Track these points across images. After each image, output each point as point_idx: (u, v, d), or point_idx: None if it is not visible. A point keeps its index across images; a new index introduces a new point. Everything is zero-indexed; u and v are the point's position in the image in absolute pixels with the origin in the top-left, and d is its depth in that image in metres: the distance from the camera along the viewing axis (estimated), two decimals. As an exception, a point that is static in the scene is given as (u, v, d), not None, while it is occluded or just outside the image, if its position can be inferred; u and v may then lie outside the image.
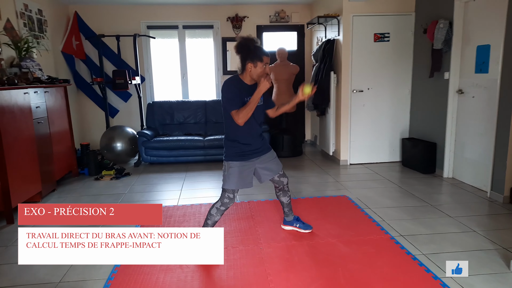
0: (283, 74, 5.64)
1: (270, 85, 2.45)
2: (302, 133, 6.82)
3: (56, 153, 4.31)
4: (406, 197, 3.83)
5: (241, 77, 2.53)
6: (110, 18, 6.01)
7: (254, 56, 2.45)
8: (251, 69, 2.47)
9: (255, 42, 2.49)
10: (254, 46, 2.47)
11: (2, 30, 4.00)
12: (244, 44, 2.47)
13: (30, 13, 4.65)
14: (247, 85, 2.52)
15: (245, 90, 2.49)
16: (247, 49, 2.46)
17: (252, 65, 2.46)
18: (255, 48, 2.47)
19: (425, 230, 3.02)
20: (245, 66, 2.48)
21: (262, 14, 6.31)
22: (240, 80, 2.53)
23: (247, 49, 2.46)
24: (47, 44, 5.08)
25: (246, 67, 2.48)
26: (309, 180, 4.52)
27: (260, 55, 2.46)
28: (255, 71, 2.47)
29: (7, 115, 3.30)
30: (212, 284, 2.29)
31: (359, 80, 5.08)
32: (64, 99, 4.66)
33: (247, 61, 2.47)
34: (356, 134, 5.20)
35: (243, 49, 2.47)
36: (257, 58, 2.45)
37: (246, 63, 2.47)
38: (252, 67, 2.47)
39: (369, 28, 4.97)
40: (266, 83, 2.41)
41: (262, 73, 2.48)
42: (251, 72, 2.48)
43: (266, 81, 2.41)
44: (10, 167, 3.30)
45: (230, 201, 2.61)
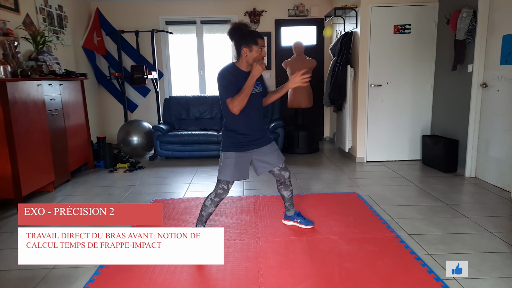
0: (300, 69, 5.42)
1: (264, 70, 2.36)
2: (321, 130, 6.66)
3: (71, 145, 4.41)
4: (422, 196, 3.62)
5: (237, 65, 2.46)
6: (130, 14, 6.11)
7: (249, 40, 2.37)
8: (246, 53, 2.40)
9: (248, 26, 2.42)
10: (247, 29, 2.41)
11: (21, 25, 4.13)
12: (236, 28, 2.40)
13: (50, 9, 4.79)
14: (244, 72, 2.44)
15: (241, 77, 2.41)
16: (240, 33, 2.39)
17: (247, 50, 2.39)
18: (248, 31, 2.40)
19: (436, 230, 2.83)
20: (240, 51, 2.41)
21: (280, 8, 6.20)
22: (236, 68, 2.45)
23: (240, 33, 2.39)
24: (67, 39, 5.22)
25: (241, 52, 2.41)
26: (321, 176, 4.38)
27: (255, 38, 2.38)
28: (251, 56, 2.39)
29: (19, 106, 3.40)
30: (201, 276, 2.24)
31: (378, 74, 4.87)
32: (81, 92, 4.77)
33: (241, 46, 2.40)
34: (373, 130, 4.99)
35: (236, 33, 2.41)
36: (252, 41, 2.38)
37: (241, 48, 2.40)
38: (248, 51, 2.39)
39: (388, 19, 4.75)
40: (259, 67, 2.32)
41: (259, 57, 2.40)
42: (247, 57, 2.41)
43: (258, 65, 2.33)
44: (21, 156, 3.39)
45: (224, 192, 2.55)
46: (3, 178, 3.34)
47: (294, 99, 5.62)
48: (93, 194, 3.90)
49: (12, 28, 3.98)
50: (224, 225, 2.96)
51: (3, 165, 3.32)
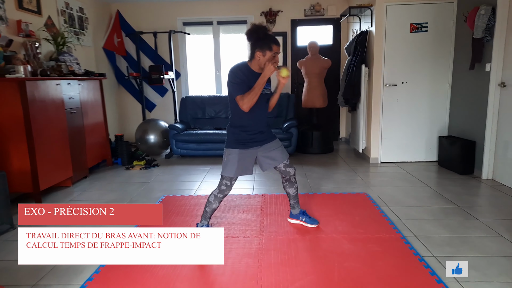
0: (314, 68, 5.50)
1: (275, 70, 2.37)
2: (336, 130, 6.60)
3: (89, 142, 4.56)
4: (434, 197, 3.55)
5: (249, 65, 2.48)
6: (148, 15, 6.25)
7: (264, 45, 2.39)
8: (259, 57, 2.42)
9: (266, 30, 2.42)
10: (264, 34, 2.41)
11: (42, 27, 4.31)
12: (254, 31, 2.41)
13: (71, 11, 4.97)
14: (255, 72, 2.46)
15: (253, 77, 2.42)
16: (257, 37, 2.41)
17: (261, 54, 2.41)
18: (264, 36, 2.40)
19: (444, 232, 2.77)
20: (254, 54, 2.43)
21: (296, 8, 6.20)
22: (248, 67, 2.48)
23: (257, 36, 2.41)
24: (87, 40, 5.40)
25: (255, 55, 2.44)
26: (332, 176, 4.35)
27: (270, 44, 2.39)
28: (263, 60, 2.41)
29: (37, 104, 3.55)
30: (201, 271, 2.28)
31: (393, 73, 4.80)
32: (100, 92, 4.92)
33: (256, 49, 2.42)
34: (388, 131, 4.92)
35: (253, 36, 2.42)
36: (266, 46, 2.39)
37: (255, 51, 2.42)
38: (261, 55, 2.41)
39: (404, 18, 4.67)
40: (271, 66, 2.34)
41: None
42: (259, 60, 2.43)
43: (271, 64, 2.34)
44: (39, 152, 3.54)
45: (227, 188, 2.59)
46: (22, 173, 3.50)
47: (308, 99, 5.60)
48: (108, 190, 4.02)
49: (34, 30, 4.16)
50: (230, 222, 3.00)
51: (22, 160, 3.48)
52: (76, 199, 3.74)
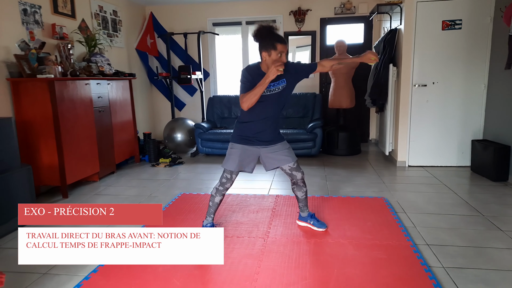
0: (341, 68, 5.37)
1: (280, 73, 2.35)
2: (366, 131, 6.41)
3: (117, 139, 4.76)
4: (457, 205, 3.35)
5: (261, 66, 2.49)
6: (180, 17, 6.41)
7: (268, 45, 2.38)
8: (265, 58, 2.41)
9: (270, 29, 2.40)
10: (269, 34, 2.39)
11: (76, 29, 4.56)
12: (257, 32, 2.41)
13: (104, 14, 5.22)
14: (264, 73, 2.44)
15: (260, 78, 2.40)
16: (261, 37, 2.41)
17: (267, 54, 2.40)
18: (268, 36, 2.38)
19: (460, 242, 2.61)
20: (261, 54, 2.44)
21: (326, 6, 6.09)
22: (259, 68, 2.48)
23: (261, 37, 2.40)
24: (120, 41, 5.64)
25: (261, 56, 2.44)
26: (353, 179, 4.24)
27: (274, 43, 2.37)
28: (270, 60, 2.40)
29: (66, 103, 3.76)
30: (198, 269, 2.30)
31: (423, 73, 4.58)
32: (129, 91, 5.12)
33: (262, 49, 2.42)
34: (417, 133, 4.70)
35: (257, 37, 2.42)
36: (270, 46, 2.37)
37: (261, 52, 2.42)
38: (267, 55, 2.40)
39: (436, 14, 4.44)
40: (274, 69, 2.32)
41: (277, 62, 2.39)
42: (266, 61, 2.42)
43: (274, 67, 2.32)
44: (67, 148, 3.75)
45: (227, 181, 2.62)
46: (50, 167, 3.73)
47: (335, 99, 5.49)
48: (130, 186, 4.18)
49: (68, 33, 4.41)
50: (238, 222, 3.02)
51: (51, 155, 3.71)
52: (100, 193, 3.93)
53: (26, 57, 3.61)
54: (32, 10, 3.91)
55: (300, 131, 5.30)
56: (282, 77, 2.48)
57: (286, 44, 2.42)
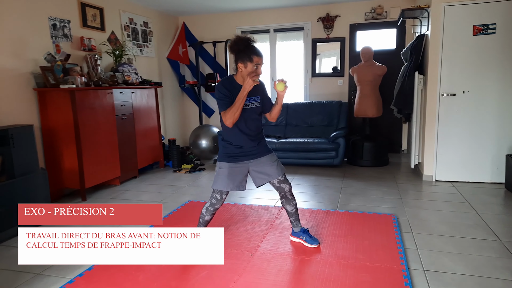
0: (367, 76, 5.17)
1: (256, 83, 2.34)
2: (398, 141, 6.08)
3: (140, 145, 4.97)
4: (475, 227, 3.06)
5: (235, 78, 2.49)
6: (210, 26, 6.56)
7: (244, 56, 2.37)
8: (241, 69, 2.41)
9: (247, 42, 2.40)
10: (245, 45, 2.39)
11: (104, 41, 4.84)
12: (234, 43, 2.41)
13: (134, 26, 5.48)
14: (240, 85, 2.45)
15: (236, 91, 2.42)
16: (237, 49, 2.40)
17: (243, 66, 2.40)
18: (245, 48, 2.38)
19: (463, 270, 2.38)
20: (237, 66, 2.44)
21: (356, 12, 5.89)
22: (233, 81, 2.48)
23: (237, 48, 2.40)
24: (151, 51, 5.89)
25: (237, 67, 2.43)
26: (368, 193, 4.04)
27: (250, 55, 2.37)
28: (245, 72, 2.39)
29: (87, 110, 3.99)
30: (174, 279, 2.32)
31: (451, 82, 4.26)
32: (154, 99, 5.32)
33: (238, 61, 2.42)
34: (444, 145, 4.38)
35: (234, 49, 2.42)
36: (247, 58, 2.37)
37: (237, 63, 2.42)
38: (243, 67, 2.40)
39: (466, 19, 4.12)
40: (250, 81, 2.31)
41: (253, 74, 2.38)
42: (241, 72, 2.42)
43: (249, 78, 2.31)
44: (86, 153, 3.98)
45: (217, 202, 2.60)
46: (71, 171, 3.98)
47: (360, 108, 5.28)
48: (146, 191, 4.33)
49: (96, 45, 4.69)
50: (233, 233, 3.00)
51: (72, 160, 3.95)
52: (116, 198, 4.11)
53: (51, 68, 3.90)
54: (61, 25, 4.21)
55: (321, 140, 5.16)
56: (257, 93, 2.48)
57: (262, 57, 2.41)
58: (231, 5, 5.86)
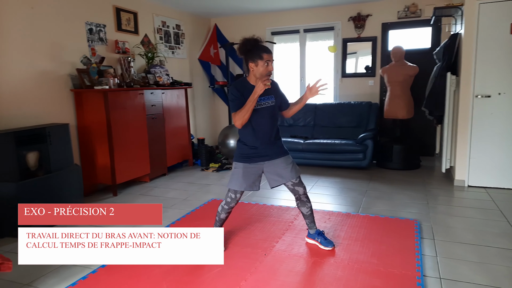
0: (398, 76, 5.04)
1: (267, 87, 2.37)
2: (432, 144, 5.86)
3: (170, 144, 5.14)
4: (503, 235, 2.92)
5: (248, 79, 2.54)
6: (241, 27, 6.64)
7: (254, 55, 2.43)
8: (253, 68, 2.46)
9: (254, 41, 2.45)
10: (253, 45, 2.44)
11: (138, 44, 5.06)
12: (242, 44, 2.47)
13: (167, 28, 5.68)
14: (252, 86, 2.49)
15: (248, 92, 2.45)
16: (246, 49, 2.46)
17: (253, 65, 2.45)
18: (253, 47, 2.44)
19: (481, 280, 2.29)
20: (248, 66, 2.49)
21: (388, 10, 5.75)
22: (246, 82, 2.53)
23: (245, 49, 2.45)
24: (182, 53, 6.07)
25: (249, 67, 2.49)
26: (394, 197, 3.94)
27: (260, 53, 2.42)
28: (257, 70, 2.45)
29: (118, 110, 4.20)
30: (186, 275, 2.41)
31: (486, 83, 4.06)
32: (184, 99, 5.49)
33: (248, 61, 2.47)
34: (478, 149, 4.18)
35: (242, 49, 2.48)
36: (256, 56, 2.42)
37: (248, 63, 2.47)
38: (254, 66, 2.45)
39: (503, 16, 3.91)
40: (261, 85, 2.35)
41: (265, 72, 2.43)
42: (253, 71, 2.47)
43: (260, 82, 2.35)
44: (117, 151, 4.19)
45: (232, 200, 2.66)
46: (104, 168, 4.21)
47: (390, 109, 5.15)
48: (173, 188, 4.49)
49: (130, 47, 4.91)
50: (249, 233, 3.05)
51: (104, 157, 4.18)
52: (145, 194, 4.30)
53: (87, 70, 4.14)
54: (97, 29, 4.46)
55: (349, 141, 5.09)
56: (270, 93, 2.52)
57: (271, 53, 2.45)
58: (262, 6, 5.92)
